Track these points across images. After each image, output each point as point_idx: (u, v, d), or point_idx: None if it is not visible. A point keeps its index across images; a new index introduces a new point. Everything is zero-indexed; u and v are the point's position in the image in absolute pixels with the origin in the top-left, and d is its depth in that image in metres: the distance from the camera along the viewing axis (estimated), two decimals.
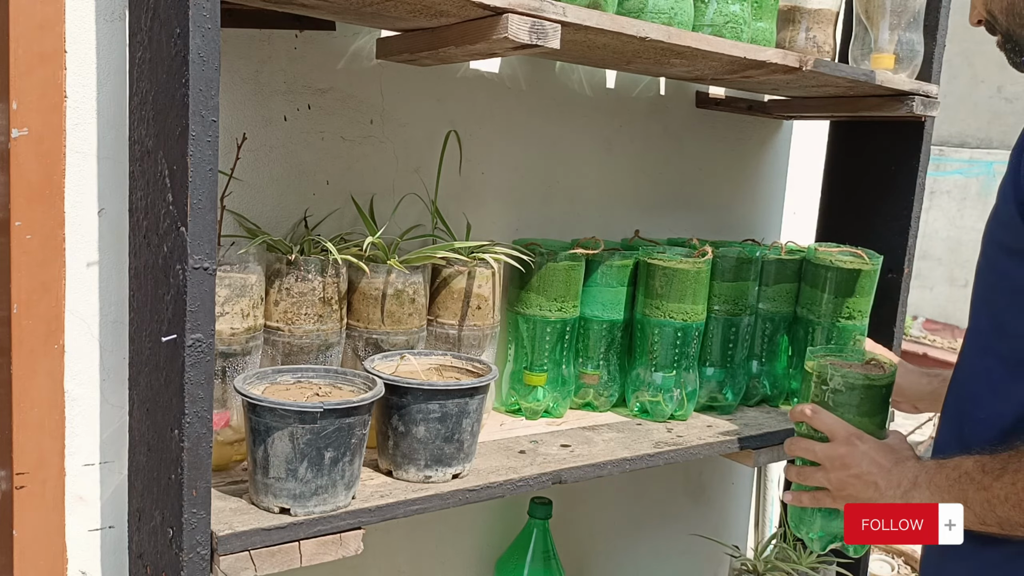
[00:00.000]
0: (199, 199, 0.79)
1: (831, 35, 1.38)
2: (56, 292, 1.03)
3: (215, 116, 0.79)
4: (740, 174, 1.73)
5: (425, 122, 1.30)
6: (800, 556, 1.60)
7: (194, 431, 0.83)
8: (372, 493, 1.00)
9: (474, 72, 1.34)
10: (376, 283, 1.11)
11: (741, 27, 1.22)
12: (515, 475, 1.09)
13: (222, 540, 0.87)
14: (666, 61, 1.23)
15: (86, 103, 1.03)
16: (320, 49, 1.19)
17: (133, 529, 1.02)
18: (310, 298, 1.05)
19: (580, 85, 1.46)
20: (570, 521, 1.59)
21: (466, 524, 1.46)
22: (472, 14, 0.97)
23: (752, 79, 1.34)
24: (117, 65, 1.04)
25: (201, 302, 0.81)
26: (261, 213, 1.16)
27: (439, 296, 1.19)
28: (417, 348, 1.15)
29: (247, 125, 1.14)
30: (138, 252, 0.95)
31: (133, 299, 0.98)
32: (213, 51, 0.78)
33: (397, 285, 1.11)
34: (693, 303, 1.36)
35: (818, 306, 1.48)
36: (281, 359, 1.06)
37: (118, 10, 1.03)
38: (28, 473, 1.03)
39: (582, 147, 1.49)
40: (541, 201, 1.45)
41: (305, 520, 0.92)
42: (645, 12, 1.12)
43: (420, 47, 1.09)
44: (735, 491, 1.90)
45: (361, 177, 1.25)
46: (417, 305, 1.14)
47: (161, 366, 0.88)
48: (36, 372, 1.02)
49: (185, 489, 0.83)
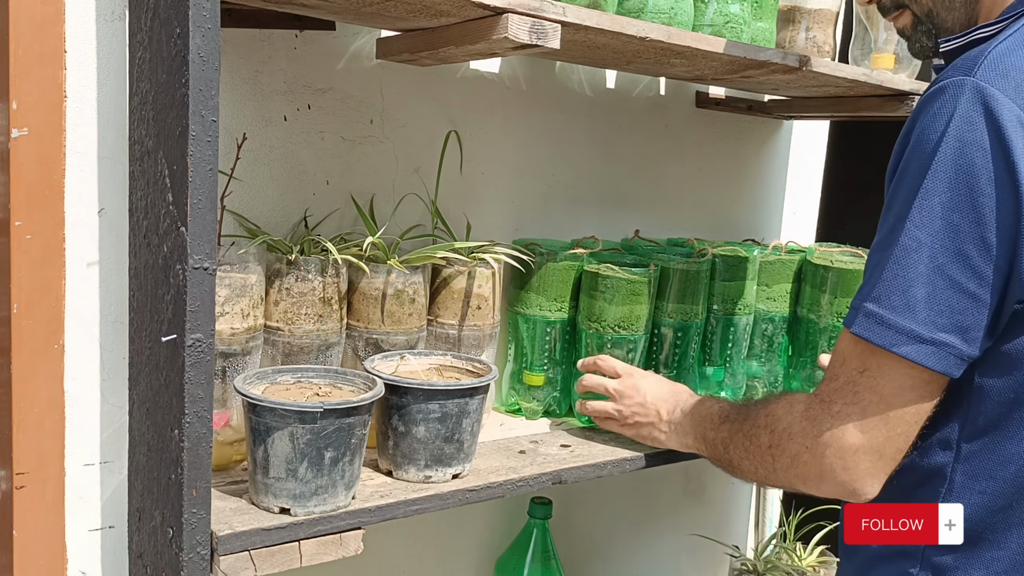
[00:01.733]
0: (199, 199, 0.79)
1: (831, 35, 1.38)
2: (56, 292, 1.03)
3: (215, 116, 0.79)
4: (740, 174, 1.73)
5: (425, 122, 1.30)
6: (800, 556, 1.60)
7: (194, 431, 0.82)
8: (372, 493, 1.00)
9: (474, 72, 1.34)
10: (376, 283, 1.11)
11: (741, 27, 1.22)
12: (515, 475, 1.09)
13: (222, 540, 0.87)
14: (666, 61, 1.23)
15: (86, 103, 1.03)
16: (320, 49, 1.19)
17: (133, 529, 1.02)
18: (310, 298, 1.05)
19: (580, 85, 1.46)
20: (570, 521, 1.59)
21: (466, 524, 1.46)
22: (472, 14, 0.97)
23: (752, 79, 1.34)
24: (117, 65, 1.04)
25: (201, 302, 0.81)
26: (261, 213, 1.17)
27: (439, 296, 1.19)
28: (417, 348, 1.15)
29: (247, 125, 1.14)
30: (138, 252, 0.95)
31: (133, 299, 0.98)
32: (213, 51, 0.78)
33: (397, 285, 1.11)
34: (693, 303, 1.36)
35: (818, 306, 1.48)
36: (281, 359, 1.06)
37: (118, 10, 1.03)
38: (28, 473, 1.03)
39: (582, 147, 1.49)
40: (541, 201, 1.45)
41: (305, 520, 0.92)
42: (645, 12, 1.12)
43: (420, 47, 1.09)
44: (735, 491, 1.90)
45: (361, 177, 1.25)
46: (417, 305, 1.14)
47: (161, 366, 0.88)
48: (36, 372, 1.02)
49: (185, 489, 0.83)
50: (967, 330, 0.78)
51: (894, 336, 0.80)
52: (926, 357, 0.79)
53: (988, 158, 0.76)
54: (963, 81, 0.78)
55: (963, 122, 0.77)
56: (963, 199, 0.77)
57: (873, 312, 0.81)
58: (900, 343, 0.79)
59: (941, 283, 0.78)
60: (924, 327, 0.78)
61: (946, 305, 0.78)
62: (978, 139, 0.76)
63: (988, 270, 0.77)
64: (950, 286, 0.78)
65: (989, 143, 0.76)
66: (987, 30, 0.86)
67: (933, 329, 0.78)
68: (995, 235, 0.76)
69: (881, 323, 0.80)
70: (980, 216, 0.76)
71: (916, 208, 0.79)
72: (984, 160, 0.76)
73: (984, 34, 0.86)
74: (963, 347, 0.79)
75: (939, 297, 0.78)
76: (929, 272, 0.78)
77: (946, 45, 0.91)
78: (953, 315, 0.78)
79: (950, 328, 0.78)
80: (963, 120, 0.77)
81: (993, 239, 0.76)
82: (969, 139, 0.76)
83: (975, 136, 0.76)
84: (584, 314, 1.30)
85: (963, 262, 0.77)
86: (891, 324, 0.80)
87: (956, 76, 0.79)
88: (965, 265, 0.77)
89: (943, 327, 0.78)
